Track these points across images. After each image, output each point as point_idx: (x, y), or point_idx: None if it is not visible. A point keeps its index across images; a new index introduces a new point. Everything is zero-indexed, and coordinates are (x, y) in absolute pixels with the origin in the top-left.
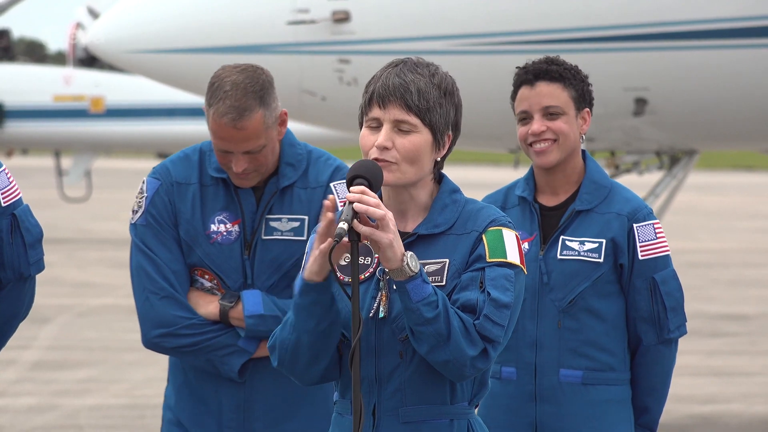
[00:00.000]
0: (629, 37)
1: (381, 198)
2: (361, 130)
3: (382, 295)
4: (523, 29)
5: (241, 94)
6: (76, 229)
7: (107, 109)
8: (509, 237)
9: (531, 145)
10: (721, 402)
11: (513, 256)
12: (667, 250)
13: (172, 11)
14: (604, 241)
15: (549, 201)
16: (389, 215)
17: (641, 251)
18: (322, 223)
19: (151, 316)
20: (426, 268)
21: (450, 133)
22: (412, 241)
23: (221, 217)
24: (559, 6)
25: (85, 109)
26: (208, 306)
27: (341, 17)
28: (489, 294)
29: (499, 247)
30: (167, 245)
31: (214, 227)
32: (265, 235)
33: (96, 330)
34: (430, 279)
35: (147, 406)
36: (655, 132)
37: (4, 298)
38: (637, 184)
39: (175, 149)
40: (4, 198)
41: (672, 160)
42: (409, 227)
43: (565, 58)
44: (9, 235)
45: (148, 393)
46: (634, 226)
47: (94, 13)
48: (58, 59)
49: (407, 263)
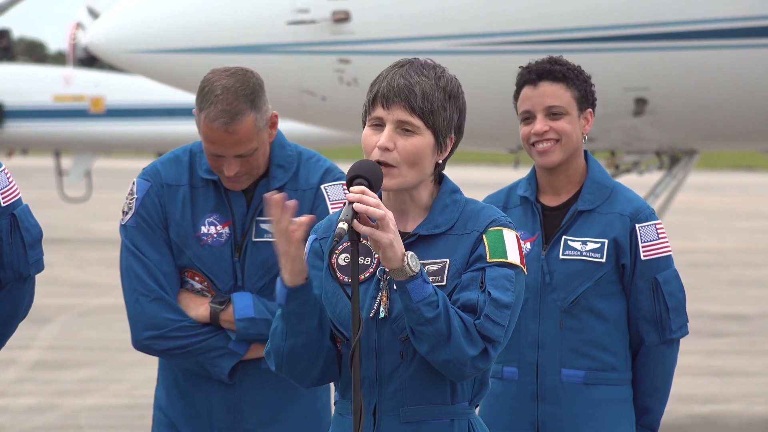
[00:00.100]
0: (629, 37)
1: (381, 198)
2: (364, 129)
3: (382, 295)
4: (523, 29)
5: (232, 98)
6: (76, 229)
7: (107, 109)
8: (510, 237)
9: (533, 144)
10: (721, 402)
11: (513, 257)
12: (669, 251)
13: (172, 11)
14: (607, 241)
15: (551, 201)
16: (389, 215)
17: (643, 251)
18: (282, 222)
19: (141, 318)
20: (426, 268)
21: (452, 135)
22: (413, 242)
23: (211, 218)
24: (559, 6)
25: (85, 109)
26: (199, 308)
27: (341, 17)
28: (490, 294)
29: (500, 248)
30: (157, 247)
31: (204, 229)
32: (255, 237)
33: (96, 330)
34: (431, 279)
35: (147, 406)
36: (655, 132)
37: (3, 298)
38: (637, 184)
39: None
40: (3, 198)
41: (672, 160)
42: (410, 227)
43: (566, 58)
44: (8, 235)
45: (148, 393)
46: (637, 226)
47: (94, 13)
48: (58, 59)
49: (407, 263)
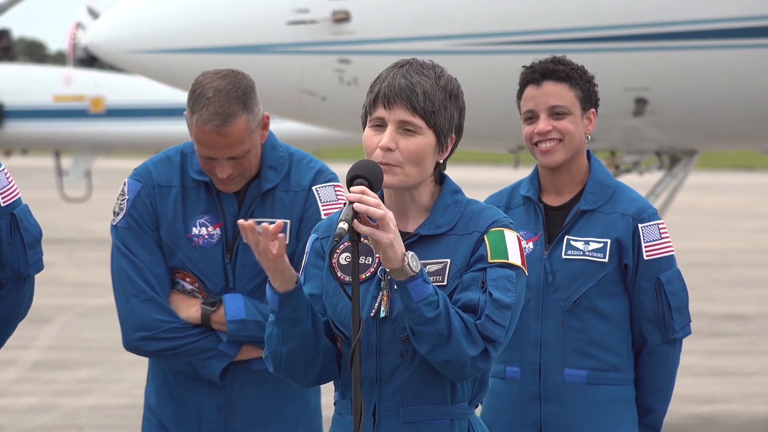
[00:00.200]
0: (629, 37)
1: (381, 198)
2: (365, 129)
3: (383, 294)
4: (523, 29)
5: (224, 100)
6: (76, 229)
7: (107, 109)
8: (511, 238)
9: (536, 144)
10: (722, 402)
11: (514, 257)
12: (672, 250)
13: (172, 11)
14: (609, 241)
15: (553, 201)
16: (389, 215)
17: (646, 251)
18: (260, 245)
19: (132, 319)
20: (427, 268)
21: (453, 135)
22: (414, 242)
23: (203, 220)
24: (559, 6)
25: (85, 109)
26: (190, 309)
27: (341, 17)
28: (491, 294)
29: (501, 248)
30: (148, 248)
31: (195, 230)
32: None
33: (96, 330)
34: (432, 279)
35: None
36: (655, 132)
37: (3, 298)
38: (637, 184)
39: None
40: (3, 198)
41: (672, 160)
42: (410, 227)
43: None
44: (8, 235)
45: None
46: (639, 226)
47: (94, 13)
48: (58, 59)
49: (408, 263)
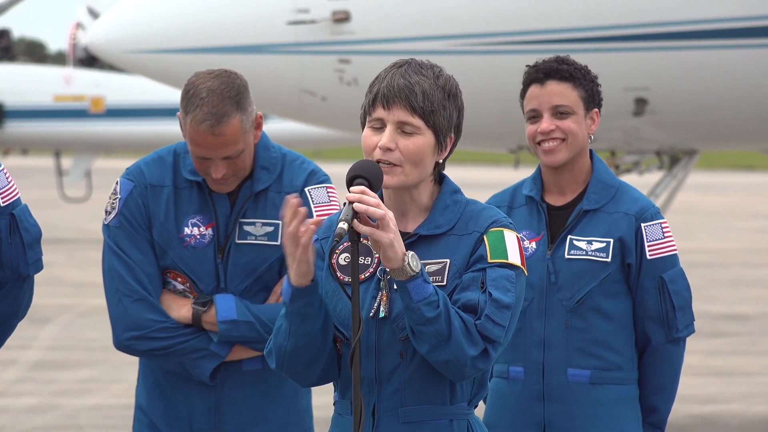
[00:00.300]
0: (629, 37)
1: (381, 198)
2: (364, 130)
3: (382, 294)
4: (523, 29)
5: (218, 100)
6: (76, 229)
7: (107, 109)
8: (510, 238)
9: (539, 143)
10: (722, 402)
11: (514, 257)
12: (675, 249)
13: (172, 11)
14: (612, 240)
15: (556, 200)
16: (389, 214)
17: (649, 251)
18: (292, 225)
19: (123, 319)
20: (427, 268)
21: (452, 135)
22: (413, 242)
23: (195, 220)
24: (559, 6)
25: (85, 109)
26: (181, 309)
27: (341, 17)
28: (490, 294)
29: (501, 248)
30: (140, 247)
31: (187, 230)
32: (238, 239)
33: (96, 330)
34: (431, 279)
35: None
36: (655, 132)
37: (2, 298)
38: (637, 184)
39: None
40: (2, 198)
41: (672, 160)
42: (410, 228)
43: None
44: (8, 235)
45: None
46: (642, 225)
47: (94, 13)
48: (58, 59)
49: (408, 263)
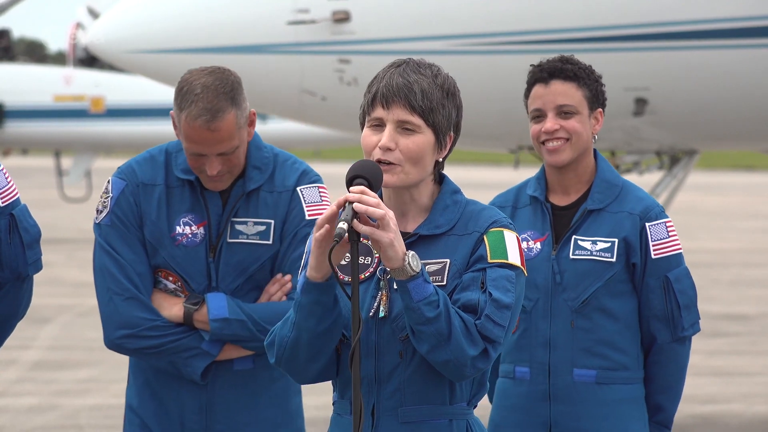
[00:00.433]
0: (629, 37)
1: (381, 198)
2: (363, 130)
3: (382, 294)
4: (523, 29)
5: (213, 95)
6: (76, 229)
7: (107, 109)
8: (510, 238)
9: (543, 143)
10: (722, 402)
11: (514, 258)
12: (680, 248)
13: (172, 11)
14: (617, 240)
15: (560, 200)
16: (390, 214)
17: (654, 250)
18: (324, 215)
19: (114, 317)
20: (427, 268)
21: (451, 133)
22: (413, 242)
23: (187, 219)
24: (559, 6)
25: (85, 109)
26: (172, 308)
27: (341, 17)
28: (490, 294)
29: (501, 248)
30: (132, 246)
31: (179, 229)
32: (230, 239)
33: (96, 330)
34: (431, 279)
35: None
36: (655, 132)
37: (2, 298)
38: (637, 183)
39: None
40: (2, 198)
41: (672, 160)
42: (410, 228)
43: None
44: (7, 235)
45: None
46: (647, 225)
47: (94, 13)
48: (58, 59)
49: (408, 262)
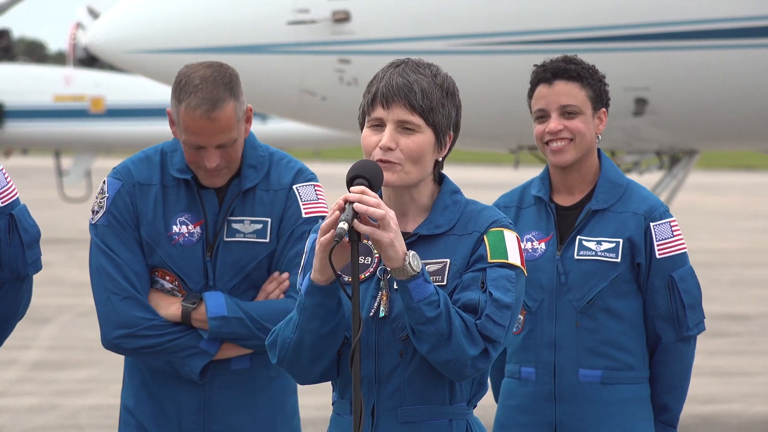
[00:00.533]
0: (629, 37)
1: (381, 198)
2: (363, 130)
3: (382, 294)
4: (523, 29)
5: (212, 86)
6: (76, 229)
7: (107, 109)
8: (510, 238)
9: (547, 143)
10: (722, 402)
11: (514, 258)
12: (684, 248)
13: (172, 11)
14: (621, 240)
15: (565, 201)
16: (390, 214)
17: (658, 250)
18: (327, 218)
19: (112, 317)
20: (427, 268)
21: (451, 133)
22: (413, 242)
23: (183, 218)
24: (559, 6)
25: (85, 109)
26: (170, 307)
27: (341, 17)
28: (491, 294)
29: (501, 248)
30: (129, 246)
31: (176, 228)
32: (227, 237)
33: (96, 330)
34: (431, 279)
35: None
36: (655, 132)
37: (1, 298)
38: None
39: None
40: (1, 198)
41: (672, 160)
42: (410, 228)
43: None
44: (6, 235)
45: None
46: (651, 224)
47: (94, 13)
48: (58, 59)
49: (409, 262)
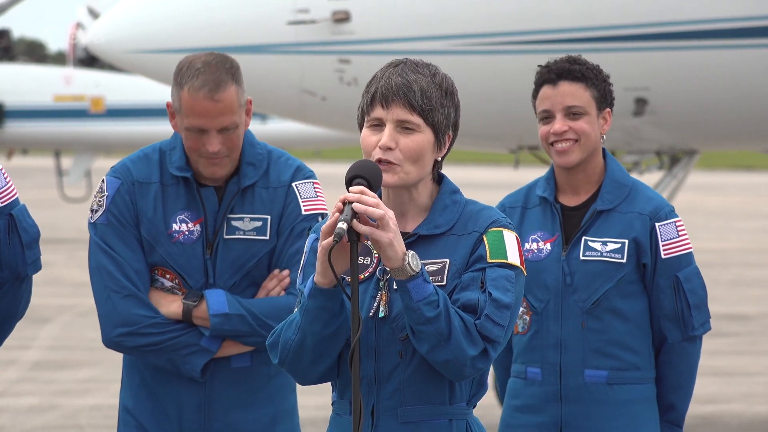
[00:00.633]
0: (629, 37)
1: (380, 198)
2: (362, 130)
3: (382, 294)
4: (523, 29)
5: (215, 69)
6: (76, 229)
7: (107, 109)
8: (510, 238)
9: (552, 144)
10: (722, 402)
11: (513, 258)
12: (690, 248)
13: (172, 11)
14: (627, 241)
15: (570, 201)
16: (389, 214)
17: (664, 250)
18: (328, 221)
19: (112, 315)
20: (426, 267)
21: (450, 132)
22: (413, 242)
23: (183, 216)
24: (559, 6)
25: (85, 109)
26: (171, 305)
27: (341, 17)
28: (490, 294)
29: (500, 248)
30: (129, 244)
31: (175, 226)
32: (227, 235)
33: (96, 330)
34: (431, 279)
35: None
36: (655, 132)
37: (1, 298)
38: None
39: None
40: (1, 198)
41: (672, 160)
42: (409, 228)
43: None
44: (6, 235)
45: None
46: (656, 225)
47: (94, 13)
48: (58, 59)
49: (408, 262)
